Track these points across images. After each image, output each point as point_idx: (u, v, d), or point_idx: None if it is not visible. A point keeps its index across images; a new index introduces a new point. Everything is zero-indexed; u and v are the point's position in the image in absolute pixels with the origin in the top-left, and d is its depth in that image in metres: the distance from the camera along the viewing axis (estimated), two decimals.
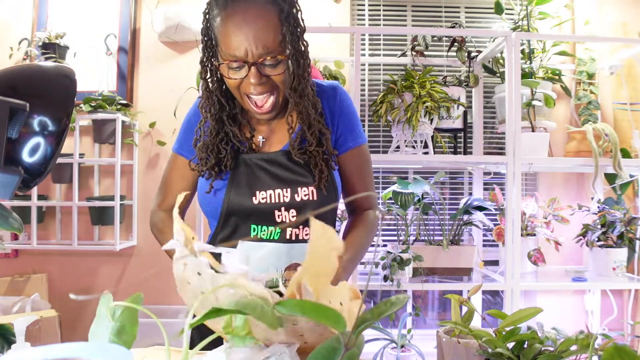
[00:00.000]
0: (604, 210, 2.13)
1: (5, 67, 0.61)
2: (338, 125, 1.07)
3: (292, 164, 1.01)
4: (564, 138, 2.43)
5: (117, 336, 0.48)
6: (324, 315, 0.43)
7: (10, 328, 0.67)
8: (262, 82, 0.92)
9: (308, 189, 1.00)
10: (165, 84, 2.48)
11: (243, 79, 0.93)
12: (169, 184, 1.12)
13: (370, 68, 2.61)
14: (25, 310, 2.07)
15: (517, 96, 2.00)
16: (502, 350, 0.59)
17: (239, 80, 0.93)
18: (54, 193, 2.46)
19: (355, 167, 1.09)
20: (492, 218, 2.33)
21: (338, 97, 1.07)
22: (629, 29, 2.55)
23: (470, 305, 0.69)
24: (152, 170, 2.52)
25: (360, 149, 1.09)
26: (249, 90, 0.94)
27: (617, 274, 2.05)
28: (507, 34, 2.02)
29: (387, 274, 1.96)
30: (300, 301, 0.46)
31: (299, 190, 1.00)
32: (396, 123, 2.10)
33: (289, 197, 0.99)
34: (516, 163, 1.97)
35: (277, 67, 0.93)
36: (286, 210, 0.99)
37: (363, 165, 1.10)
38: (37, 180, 0.58)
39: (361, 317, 0.45)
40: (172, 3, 2.47)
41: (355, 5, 2.62)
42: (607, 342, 0.56)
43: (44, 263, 2.44)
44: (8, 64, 2.40)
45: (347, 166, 1.08)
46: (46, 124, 0.57)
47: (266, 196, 0.99)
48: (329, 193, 1.01)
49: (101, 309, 0.52)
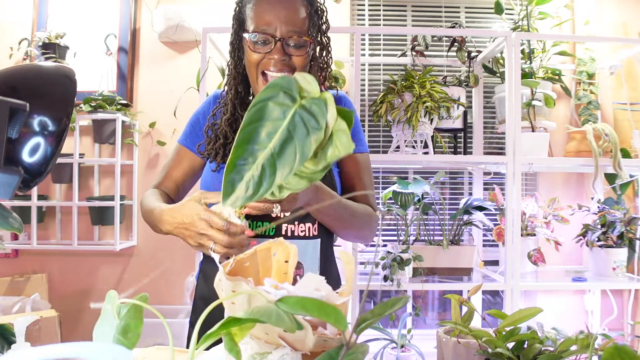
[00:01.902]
0: (604, 210, 2.13)
1: (5, 67, 0.61)
2: None
3: None
4: (564, 138, 2.43)
5: (122, 334, 0.49)
6: (325, 313, 0.43)
7: (10, 328, 0.67)
8: (283, 59, 0.98)
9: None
10: (165, 84, 2.48)
11: (266, 54, 0.98)
12: (167, 168, 1.15)
13: (370, 68, 2.61)
14: (25, 310, 2.07)
15: (517, 96, 2.00)
16: (502, 350, 0.59)
17: (262, 56, 0.99)
18: (54, 193, 2.46)
19: (356, 172, 1.10)
20: (492, 218, 2.33)
21: (343, 103, 1.13)
22: (629, 29, 2.55)
23: (470, 305, 0.69)
24: (152, 170, 2.52)
25: (363, 155, 1.12)
26: (269, 66, 0.99)
27: (617, 274, 2.05)
28: (507, 34, 2.02)
29: (387, 274, 1.96)
30: (302, 299, 0.46)
31: None
32: (396, 123, 2.10)
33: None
34: (516, 163, 1.97)
35: (300, 49, 0.99)
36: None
37: (364, 171, 1.12)
38: (37, 180, 0.58)
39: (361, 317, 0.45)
40: (172, 3, 2.47)
41: (355, 5, 2.62)
42: (607, 342, 0.56)
43: (44, 263, 2.44)
44: (8, 64, 2.40)
45: (347, 169, 1.10)
46: (46, 124, 0.57)
47: None
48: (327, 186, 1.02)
49: (106, 307, 0.52)
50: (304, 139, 0.58)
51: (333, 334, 0.56)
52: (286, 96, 0.59)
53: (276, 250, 0.72)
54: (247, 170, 0.59)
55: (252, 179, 0.58)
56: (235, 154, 0.60)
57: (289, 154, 0.59)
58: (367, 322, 0.45)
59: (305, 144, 0.58)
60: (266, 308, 0.45)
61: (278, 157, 0.59)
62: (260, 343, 0.59)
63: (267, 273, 0.71)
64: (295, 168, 0.59)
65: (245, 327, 0.49)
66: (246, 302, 0.56)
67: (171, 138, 2.47)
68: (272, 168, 0.59)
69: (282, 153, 0.59)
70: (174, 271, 2.44)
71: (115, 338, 0.48)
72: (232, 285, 0.57)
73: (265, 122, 0.58)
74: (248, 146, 0.59)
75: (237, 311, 0.57)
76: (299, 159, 0.59)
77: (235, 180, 0.59)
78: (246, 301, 0.56)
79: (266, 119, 0.58)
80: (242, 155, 0.59)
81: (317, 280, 0.56)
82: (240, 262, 0.67)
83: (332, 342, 0.54)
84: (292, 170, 0.59)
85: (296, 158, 0.59)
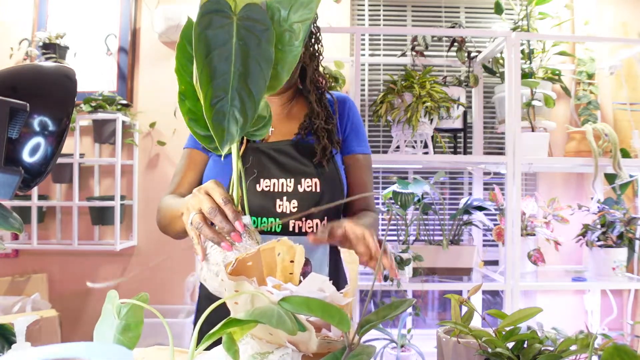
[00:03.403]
0: (603, 210, 2.13)
1: (5, 67, 0.61)
2: (345, 129, 1.11)
3: (299, 154, 1.03)
4: (564, 138, 2.43)
5: (123, 334, 0.49)
6: (329, 313, 0.43)
7: (10, 328, 0.67)
8: None
9: (311, 181, 1.01)
10: (165, 84, 2.48)
11: None
12: (179, 174, 1.12)
13: (370, 68, 2.61)
14: (25, 310, 2.07)
15: (517, 96, 2.00)
16: (502, 350, 0.59)
17: None
18: (54, 193, 2.46)
19: (358, 172, 1.11)
20: (492, 218, 2.33)
21: (347, 105, 1.14)
22: (628, 29, 2.55)
23: (470, 305, 0.69)
24: (152, 170, 2.52)
25: (365, 156, 1.13)
26: None
27: (616, 273, 2.05)
28: (507, 34, 2.02)
29: (387, 274, 1.96)
30: (306, 299, 0.46)
31: (302, 181, 1.01)
32: (396, 123, 2.10)
33: (292, 187, 1.00)
34: (516, 163, 1.97)
35: None
36: (288, 200, 1.00)
37: (365, 171, 1.12)
38: (37, 180, 0.58)
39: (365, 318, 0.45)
40: (172, 3, 2.47)
41: (355, 5, 2.62)
42: (607, 342, 0.56)
43: (44, 263, 2.44)
44: (8, 64, 2.40)
45: (349, 168, 1.10)
46: (46, 124, 0.57)
47: (270, 184, 1.00)
48: (333, 186, 1.02)
49: (107, 306, 0.52)
50: (259, 46, 0.57)
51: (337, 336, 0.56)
52: (221, 17, 0.57)
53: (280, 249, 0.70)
54: (226, 104, 0.57)
55: (235, 108, 0.57)
56: (206, 96, 0.57)
57: (253, 67, 0.57)
58: (371, 323, 0.45)
59: (263, 50, 0.57)
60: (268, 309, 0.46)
61: (246, 76, 0.58)
62: (262, 343, 0.59)
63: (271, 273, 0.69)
64: (267, 74, 0.58)
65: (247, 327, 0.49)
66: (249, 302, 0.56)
67: (171, 138, 2.48)
68: (246, 89, 0.57)
69: (247, 70, 0.58)
70: (174, 271, 2.44)
71: (115, 338, 0.48)
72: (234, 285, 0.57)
73: (216, 50, 0.56)
74: (213, 82, 0.57)
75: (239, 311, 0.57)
76: (266, 66, 0.58)
77: (221, 120, 0.57)
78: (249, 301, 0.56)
79: (214, 47, 0.56)
80: (213, 93, 0.57)
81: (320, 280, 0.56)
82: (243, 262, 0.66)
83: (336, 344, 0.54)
84: (266, 81, 0.58)
85: (262, 67, 0.57)
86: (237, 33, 0.57)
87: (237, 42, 0.57)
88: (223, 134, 0.57)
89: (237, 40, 0.57)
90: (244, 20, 0.58)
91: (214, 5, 0.58)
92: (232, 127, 0.57)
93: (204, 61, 0.57)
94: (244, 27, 0.58)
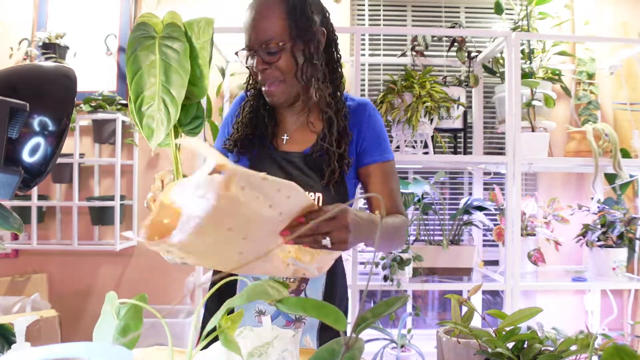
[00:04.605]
0: (603, 210, 2.13)
1: (5, 67, 0.61)
2: (364, 138, 1.08)
3: (307, 168, 1.03)
4: (564, 138, 2.43)
5: (122, 334, 0.49)
6: (325, 313, 0.43)
7: (10, 328, 0.67)
8: (263, 68, 0.98)
9: (315, 195, 1.00)
10: None
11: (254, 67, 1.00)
12: None
13: (370, 68, 2.61)
14: (25, 310, 2.07)
15: (517, 96, 2.00)
16: (502, 350, 0.59)
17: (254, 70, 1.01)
18: (54, 193, 2.46)
19: (382, 179, 1.07)
20: (492, 218, 2.33)
21: (367, 112, 1.09)
22: (628, 29, 2.55)
23: (470, 305, 0.69)
24: (152, 170, 2.51)
25: (388, 163, 1.09)
26: (258, 78, 1.02)
27: (617, 274, 2.05)
28: (507, 34, 2.02)
29: (387, 274, 1.96)
30: (301, 299, 0.46)
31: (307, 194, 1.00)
32: (396, 123, 2.10)
33: None
34: (516, 163, 1.97)
35: (276, 55, 0.97)
36: None
37: (390, 178, 1.08)
38: (37, 180, 0.58)
39: (361, 316, 0.45)
40: (172, 3, 2.47)
41: (355, 5, 2.62)
42: (607, 342, 0.56)
43: (44, 263, 2.44)
44: (8, 64, 2.40)
45: (372, 178, 1.07)
46: (46, 124, 0.57)
47: None
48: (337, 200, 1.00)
49: (106, 307, 0.52)
50: (178, 58, 0.74)
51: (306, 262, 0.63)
52: (146, 38, 0.76)
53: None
54: (153, 108, 0.73)
55: (160, 111, 0.73)
56: (138, 104, 0.74)
57: (174, 76, 0.74)
58: (366, 321, 0.45)
59: (181, 61, 0.74)
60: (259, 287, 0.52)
61: (168, 84, 0.74)
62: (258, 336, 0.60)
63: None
64: (185, 81, 0.73)
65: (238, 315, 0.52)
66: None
67: None
68: (168, 95, 0.74)
69: (169, 79, 0.74)
70: (174, 271, 2.44)
71: (115, 338, 0.48)
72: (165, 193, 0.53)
73: (143, 66, 0.74)
74: (143, 93, 0.74)
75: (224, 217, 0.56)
76: (183, 74, 0.74)
77: (150, 122, 0.74)
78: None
79: (142, 63, 0.74)
80: (144, 102, 0.74)
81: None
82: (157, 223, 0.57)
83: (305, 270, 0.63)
84: (183, 85, 0.73)
85: (181, 75, 0.74)
86: (159, 50, 0.75)
87: (160, 58, 0.75)
88: (152, 134, 0.73)
89: (159, 56, 0.75)
90: (165, 39, 0.76)
91: (140, 30, 0.76)
92: (159, 126, 0.73)
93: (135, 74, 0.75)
94: (164, 45, 0.75)
